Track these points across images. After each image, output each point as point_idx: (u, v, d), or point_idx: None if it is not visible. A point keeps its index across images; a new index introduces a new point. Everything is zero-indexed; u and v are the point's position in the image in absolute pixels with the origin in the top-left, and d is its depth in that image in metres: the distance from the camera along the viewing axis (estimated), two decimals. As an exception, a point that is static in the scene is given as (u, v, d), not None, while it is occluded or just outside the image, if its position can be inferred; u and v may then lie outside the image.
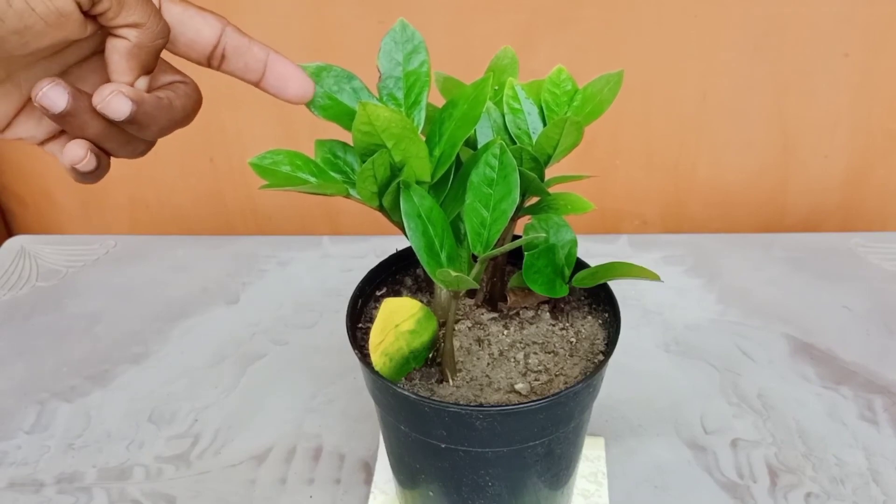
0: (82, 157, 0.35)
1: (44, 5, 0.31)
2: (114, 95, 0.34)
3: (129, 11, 0.33)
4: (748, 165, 0.85)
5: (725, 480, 0.56)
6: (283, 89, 0.39)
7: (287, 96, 0.39)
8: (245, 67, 0.38)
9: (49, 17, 0.31)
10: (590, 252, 0.57)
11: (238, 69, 0.38)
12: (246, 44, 0.38)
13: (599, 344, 0.45)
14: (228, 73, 0.39)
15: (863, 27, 0.75)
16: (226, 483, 0.56)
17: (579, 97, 0.43)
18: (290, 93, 0.39)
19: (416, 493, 0.48)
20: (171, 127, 0.37)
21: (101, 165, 0.36)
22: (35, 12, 0.31)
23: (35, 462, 0.58)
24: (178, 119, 0.37)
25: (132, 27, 0.34)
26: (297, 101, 0.39)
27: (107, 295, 0.74)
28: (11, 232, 0.95)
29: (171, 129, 0.37)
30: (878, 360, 0.65)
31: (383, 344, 0.39)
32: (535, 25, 0.76)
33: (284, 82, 0.39)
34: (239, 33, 0.38)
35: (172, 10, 0.36)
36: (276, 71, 0.38)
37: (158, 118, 0.36)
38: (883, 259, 0.76)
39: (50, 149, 0.38)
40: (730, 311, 0.70)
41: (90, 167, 0.36)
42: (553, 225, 0.47)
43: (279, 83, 0.39)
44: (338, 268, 0.77)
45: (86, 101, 0.34)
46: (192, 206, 0.90)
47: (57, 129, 0.38)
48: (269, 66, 0.38)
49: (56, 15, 0.31)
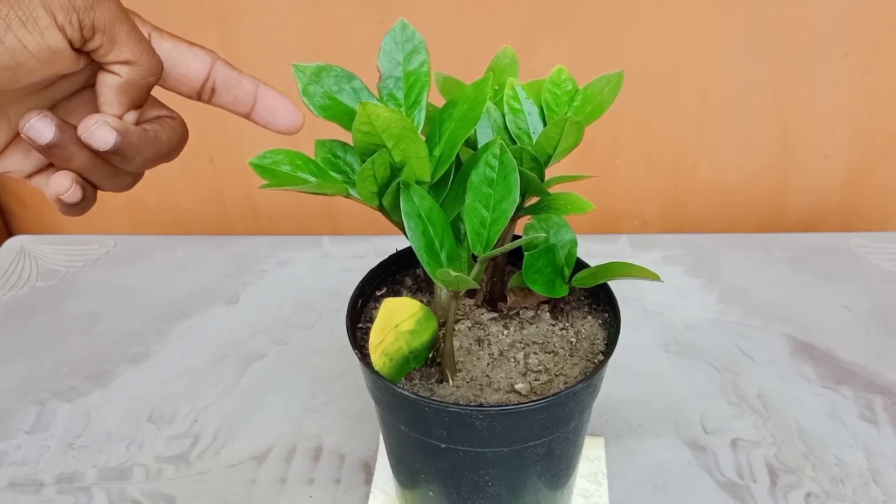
0: (67, 187, 0.36)
1: (35, 43, 0.31)
2: (98, 126, 0.34)
3: (121, 48, 0.33)
4: (748, 165, 0.85)
5: (725, 480, 0.56)
6: (272, 121, 0.39)
7: (277, 127, 0.39)
8: (235, 100, 0.39)
9: (41, 55, 0.31)
10: (590, 252, 0.57)
11: (228, 102, 0.39)
12: (236, 77, 0.38)
13: (599, 344, 0.45)
14: (218, 105, 0.39)
15: (863, 27, 0.75)
16: (226, 483, 0.56)
17: (580, 97, 0.43)
18: (279, 124, 0.39)
19: (416, 493, 0.48)
20: (155, 160, 0.37)
21: (86, 197, 0.37)
22: (27, 50, 0.31)
23: (35, 462, 0.58)
24: (164, 152, 0.37)
25: (124, 64, 0.34)
26: (286, 132, 0.40)
27: (107, 295, 0.74)
28: (11, 232, 0.95)
29: (156, 162, 0.37)
30: (878, 360, 0.65)
31: (383, 344, 0.39)
32: (535, 25, 0.76)
33: (274, 114, 0.39)
34: (228, 67, 0.38)
35: (163, 45, 0.37)
36: (266, 103, 0.39)
37: (143, 150, 0.36)
38: (883, 259, 0.76)
39: (36, 182, 0.38)
40: (730, 311, 0.70)
41: (75, 199, 0.36)
42: (553, 225, 0.47)
43: (269, 115, 0.39)
44: (338, 268, 0.77)
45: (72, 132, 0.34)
46: (192, 206, 0.90)
47: (44, 162, 0.37)
48: (258, 99, 0.39)
49: (48, 52, 0.31)
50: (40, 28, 0.31)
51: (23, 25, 0.30)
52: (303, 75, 0.40)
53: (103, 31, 0.32)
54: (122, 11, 0.34)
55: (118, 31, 0.33)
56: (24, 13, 0.30)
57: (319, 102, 0.40)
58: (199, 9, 0.76)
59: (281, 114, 0.39)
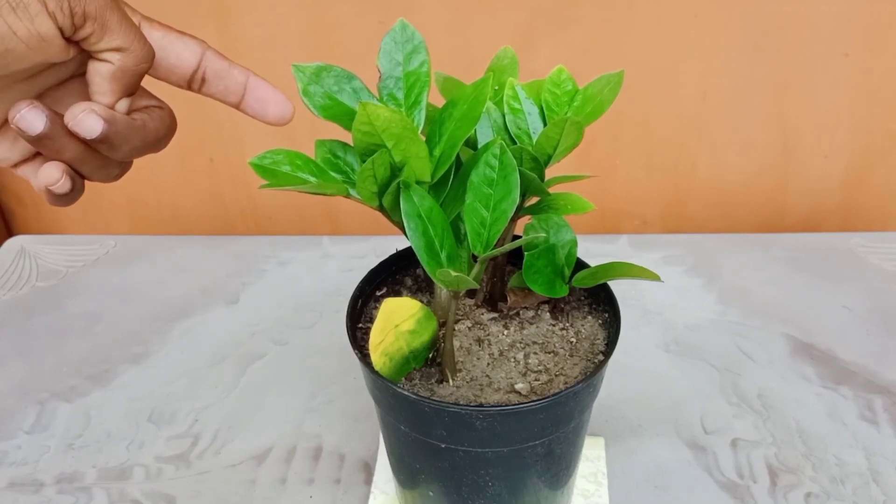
0: (57, 178, 0.35)
1: (25, 29, 0.31)
2: (86, 114, 0.34)
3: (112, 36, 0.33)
4: (748, 165, 0.85)
5: (725, 480, 0.56)
6: (262, 112, 0.39)
7: (267, 118, 0.39)
8: (225, 90, 0.39)
9: (30, 41, 0.31)
10: (590, 252, 0.57)
11: (218, 92, 0.39)
12: (226, 67, 0.38)
13: (599, 344, 0.45)
14: (209, 95, 0.39)
15: (863, 27, 0.75)
16: (226, 483, 0.56)
17: (580, 97, 0.43)
18: (269, 115, 0.39)
19: (416, 493, 0.48)
20: (143, 149, 0.37)
21: (75, 188, 0.36)
22: (17, 36, 0.31)
23: (35, 462, 0.58)
24: (151, 141, 0.37)
25: (115, 51, 0.34)
26: (276, 123, 0.40)
27: (107, 295, 0.74)
28: (11, 232, 0.95)
29: (144, 151, 0.37)
30: (878, 360, 0.65)
31: (383, 344, 0.39)
32: (535, 25, 0.76)
33: (264, 105, 0.39)
34: (219, 57, 0.38)
35: (153, 34, 0.37)
36: (256, 94, 0.39)
37: (130, 139, 0.36)
38: (883, 259, 0.76)
39: (23, 172, 0.38)
40: (730, 311, 0.70)
41: (65, 189, 0.36)
42: (553, 225, 0.47)
43: (259, 105, 0.39)
44: (338, 268, 0.77)
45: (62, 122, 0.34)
46: (192, 206, 0.90)
47: (31, 152, 0.37)
48: (248, 89, 0.39)
49: (37, 39, 0.31)
50: (31, 14, 0.31)
51: (13, 11, 0.30)
52: (303, 75, 0.40)
53: (94, 18, 0.32)
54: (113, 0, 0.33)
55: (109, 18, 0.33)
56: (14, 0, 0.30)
57: (319, 102, 0.40)
58: (198, 8, 0.76)
59: (272, 104, 0.39)
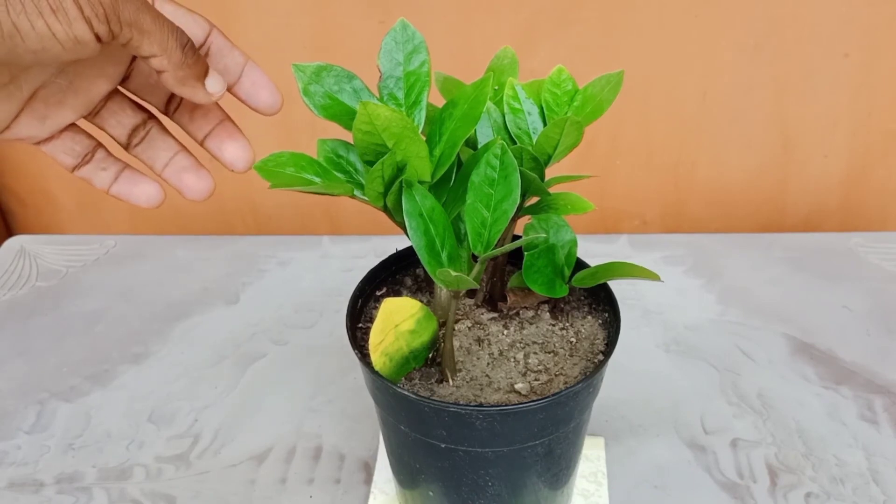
0: (157, 196, 0.44)
1: (64, 32, 0.32)
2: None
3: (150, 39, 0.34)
4: (748, 165, 0.85)
5: (725, 480, 0.56)
6: (254, 96, 0.40)
7: (257, 104, 0.40)
8: (224, 69, 0.39)
9: (67, 43, 0.32)
10: (590, 252, 0.57)
11: (218, 69, 0.39)
12: (229, 46, 0.39)
13: (599, 344, 0.45)
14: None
15: (863, 27, 0.75)
16: (226, 483, 0.56)
17: (580, 97, 0.43)
18: (260, 101, 0.40)
19: (416, 493, 0.48)
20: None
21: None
22: (55, 38, 0.32)
23: (35, 462, 0.58)
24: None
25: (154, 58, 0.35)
26: (264, 111, 0.40)
27: (107, 295, 0.74)
28: (11, 232, 0.95)
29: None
30: (878, 360, 0.65)
31: (383, 344, 0.39)
32: (535, 25, 0.76)
33: (257, 90, 0.40)
34: (223, 36, 0.39)
35: (165, 7, 0.38)
36: (252, 78, 0.39)
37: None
38: (883, 259, 0.76)
39: (48, 149, 0.39)
40: (730, 311, 0.70)
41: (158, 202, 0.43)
42: (553, 225, 0.47)
43: (252, 90, 0.40)
44: (338, 268, 0.77)
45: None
46: (191, 206, 0.90)
47: (58, 129, 0.38)
48: (245, 72, 0.39)
49: (73, 42, 0.32)
50: (69, 18, 0.32)
51: (53, 14, 0.31)
52: (303, 75, 0.40)
53: (130, 24, 0.33)
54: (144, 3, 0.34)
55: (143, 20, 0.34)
56: (54, 2, 0.31)
57: (320, 102, 0.40)
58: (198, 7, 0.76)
59: (263, 92, 0.40)
